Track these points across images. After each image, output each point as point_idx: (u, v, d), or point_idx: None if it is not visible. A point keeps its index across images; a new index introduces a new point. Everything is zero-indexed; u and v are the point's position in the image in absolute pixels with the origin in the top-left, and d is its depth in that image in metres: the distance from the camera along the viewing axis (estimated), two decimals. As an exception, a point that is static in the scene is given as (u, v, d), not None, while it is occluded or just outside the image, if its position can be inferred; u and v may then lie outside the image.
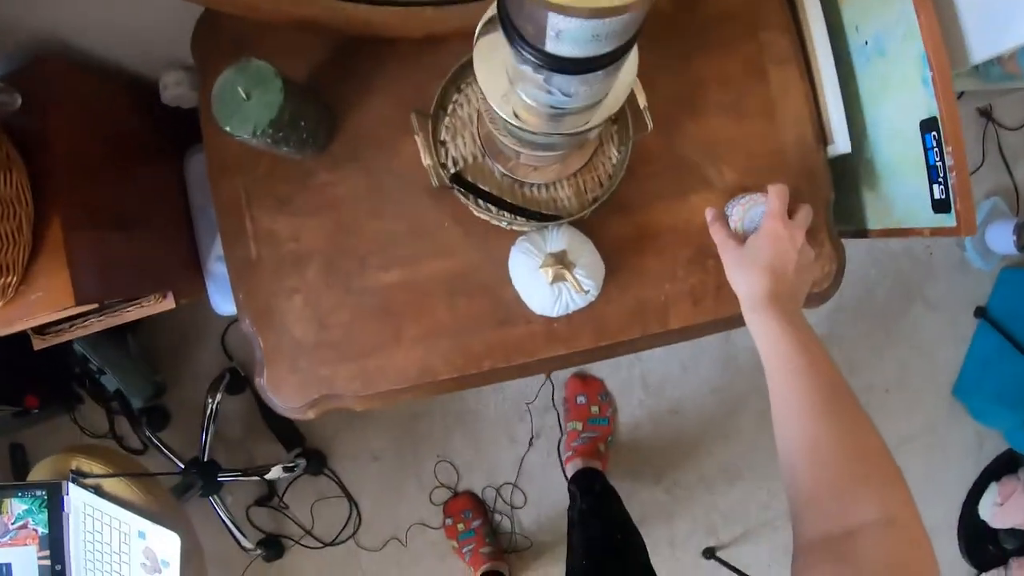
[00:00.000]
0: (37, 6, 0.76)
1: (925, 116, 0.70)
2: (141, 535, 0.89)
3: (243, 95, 0.61)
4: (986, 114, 1.39)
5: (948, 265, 1.43)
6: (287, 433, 1.40)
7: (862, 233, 0.84)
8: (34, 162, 0.78)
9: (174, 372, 1.43)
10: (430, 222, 0.73)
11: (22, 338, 1.00)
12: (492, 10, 0.46)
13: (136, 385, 1.24)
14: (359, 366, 0.74)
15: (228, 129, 0.62)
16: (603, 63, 0.38)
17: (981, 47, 0.71)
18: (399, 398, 0.75)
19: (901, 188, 0.76)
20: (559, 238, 0.68)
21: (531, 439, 1.43)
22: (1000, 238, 1.29)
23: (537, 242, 0.68)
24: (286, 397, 0.76)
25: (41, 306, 0.79)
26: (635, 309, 0.73)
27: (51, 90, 0.81)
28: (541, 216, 0.70)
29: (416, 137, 0.62)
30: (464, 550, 1.38)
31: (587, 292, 0.67)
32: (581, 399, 1.40)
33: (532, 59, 0.38)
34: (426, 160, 0.62)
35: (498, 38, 0.41)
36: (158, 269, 0.94)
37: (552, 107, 0.46)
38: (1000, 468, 1.42)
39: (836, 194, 0.79)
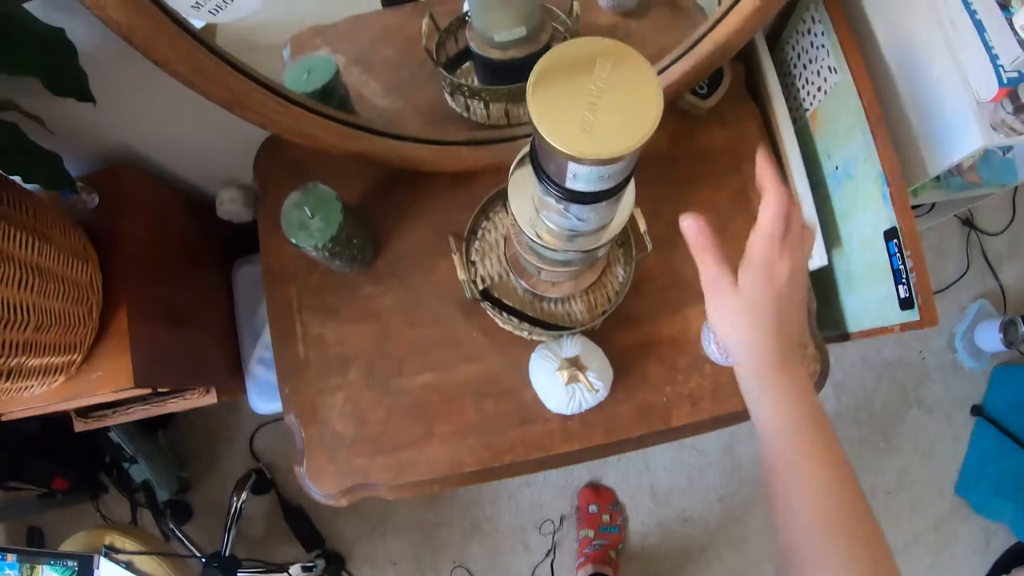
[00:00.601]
0: (119, 121, 0.88)
1: (887, 227, 0.79)
2: (172, 616, 0.95)
3: (308, 214, 0.73)
4: (968, 222, 1.50)
5: (941, 368, 1.49)
6: (308, 534, 1.45)
7: (844, 337, 0.93)
8: (105, 257, 0.89)
9: (200, 470, 1.50)
10: (460, 332, 0.83)
11: (62, 422, 1.09)
12: (524, 151, 0.58)
13: (164, 477, 1.30)
14: (393, 459, 0.82)
15: (294, 241, 0.73)
16: (609, 195, 0.48)
17: (935, 162, 0.82)
18: (428, 489, 0.83)
19: (873, 292, 0.85)
20: (573, 345, 0.78)
21: (549, 551, 1.47)
22: (988, 338, 1.36)
23: (554, 349, 0.78)
24: (323, 484, 0.83)
25: (101, 385, 0.87)
26: (640, 409, 0.82)
27: (124, 194, 0.92)
28: (557, 327, 0.80)
29: (453, 256, 0.74)
30: None
31: (598, 392, 0.76)
32: (593, 508, 1.44)
33: (555, 192, 0.48)
34: (461, 275, 0.73)
35: (527, 173, 0.51)
36: (204, 366, 1.03)
37: (569, 229, 0.56)
38: (1010, 561, 1.43)
39: (818, 303, 0.88)
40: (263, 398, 1.09)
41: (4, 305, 0.70)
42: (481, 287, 0.81)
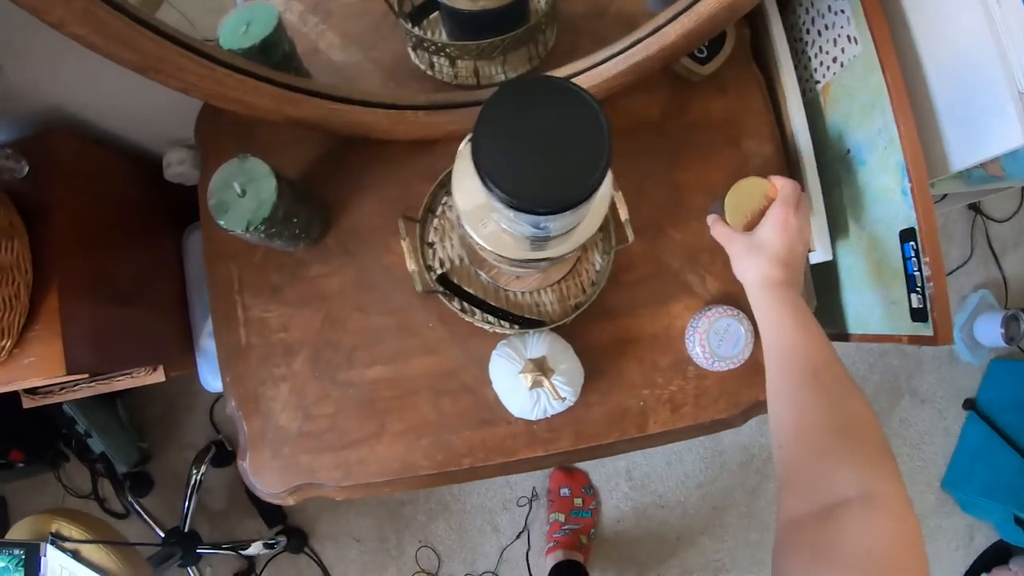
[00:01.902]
0: (46, 80, 0.79)
1: (904, 226, 0.71)
2: (115, 607, 0.89)
3: (239, 191, 0.63)
4: (974, 207, 1.41)
5: (937, 359, 1.44)
6: (270, 510, 1.40)
7: (843, 337, 0.85)
8: (36, 231, 0.80)
9: (160, 441, 1.44)
10: (416, 321, 0.74)
11: (12, 395, 1.02)
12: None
13: (122, 450, 1.24)
14: (341, 457, 0.75)
15: (222, 223, 0.64)
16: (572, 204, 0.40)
17: (961, 156, 0.71)
18: (379, 491, 0.76)
19: (881, 295, 0.77)
20: (539, 344, 0.69)
21: (520, 532, 1.43)
22: (988, 331, 1.29)
23: (518, 347, 0.70)
24: (267, 482, 0.76)
25: (33, 371, 0.80)
26: (614, 414, 0.74)
27: (57, 160, 0.83)
28: (524, 321, 0.72)
29: (402, 242, 0.64)
30: None
31: (564, 399, 0.68)
32: (565, 491, 1.40)
33: (502, 199, 0.40)
34: (411, 266, 0.64)
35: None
36: (150, 343, 0.95)
37: (528, 237, 0.48)
38: (991, 560, 1.40)
39: (817, 299, 0.80)
40: (215, 375, 1.02)
41: None
42: (440, 271, 0.72)
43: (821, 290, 0.84)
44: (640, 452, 1.45)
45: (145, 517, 1.28)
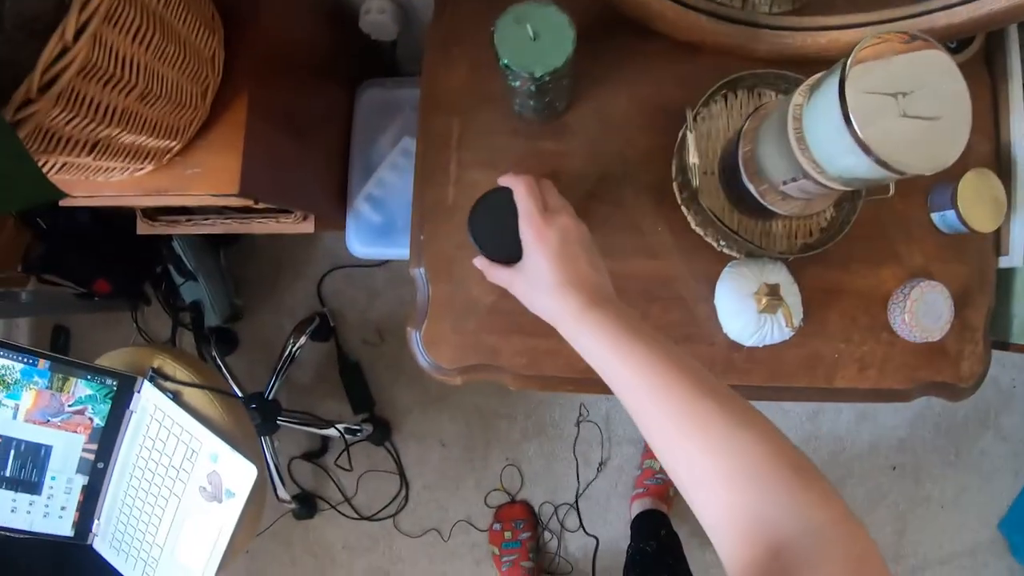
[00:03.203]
0: None
1: None
2: (213, 458, 0.83)
3: (531, 34, 0.59)
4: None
5: None
6: (360, 395, 1.34)
7: (1004, 345, 0.88)
8: (234, 36, 0.73)
9: (256, 301, 1.36)
10: (645, 221, 0.72)
11: (121, 218, 0.93)
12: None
13: (218, 301, 1.17)
14: (531, 343, 0.71)
15: (505, 62, 0.59)
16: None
17: None
18: (561, 387, 0.73)
19: (1056, 312, 0.80)
20: (775, 271, 0.68)
21: (601, 463, 1.40)
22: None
23: (753, 269, 0.68)
24: (440, 355, 0.73)
25: (197, 184, 0.73)
26: (809, 360, 0.74)
27: None
28: (756, 246, 0.70)
29: (688, 134, 0.62)
30: (504, 559, 1.33)
31: (795, 328, 0.67)
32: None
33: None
34: (693, 158, 0.62)
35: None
36: (309, 189, 0.89)
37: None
38: (1020, 611, 1.45)
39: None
40: (362, 239, 0.97)
41: (113, 56, 0.54)
42: (680, 179, 0.70)
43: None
44: None
45: (227, 376, 1.21)
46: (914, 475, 1.47)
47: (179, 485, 0.85)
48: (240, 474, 0.82)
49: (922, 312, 0.72)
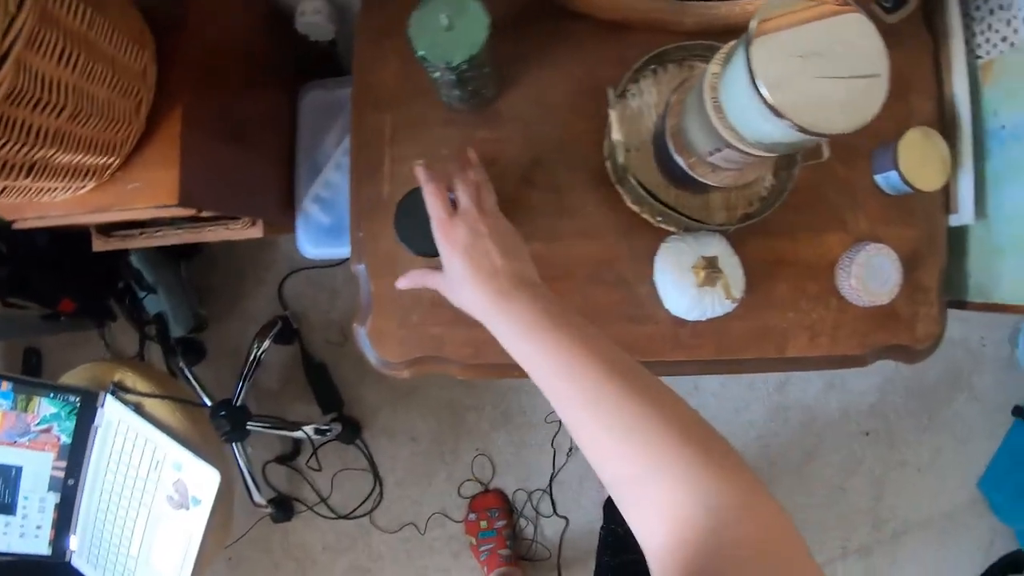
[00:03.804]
0: None
1: None
2: (177, 466, 0.83)
3: (445, 23, 0.59)
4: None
5: (997, 361, 1.47)
6: (327, 395, 1.35)
7: (960, 304, 0.87)
8: (165, 45, 0.73)
9: (219, 309, 1.37)
10: (579, 203, 0.72)
11: (77, 237, 0.93)
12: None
13: (181, 312, 1.17)
14: (475, 333, 0.70)
15: (422, 53, 0.59)
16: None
17: None
18: (508, 373, 0.73)
19: (1013, 267, 0.79)
20: (712, 244, 0.68)
21: (571, 448, 1.41)
22: (1050, 344, 1.35)
23: (691, 243, 0.68)
24: (387, 350, 0.73)
25: (138, 198, 0.73)
26: (757, 331, 0.73)
27: None
28: (693, 220, 0.70)
29: (611, 112, 0.62)
30: (482, 548, 1.34)
31: (736, 300, 0.67)
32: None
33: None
34: (616, 135, 0.61)
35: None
36: (255, 194, 0.89)
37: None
38: (1006, 567, 1.44)
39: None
40: (312, 240, 0.97)
41: (39, 81, 0.55)
42: (612, 158, 0.69)
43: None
44: (712, 395, 1.46)
45: (195, 385, 1.22)
46: (888, 440, 1.47)
47: (147, 495, 0.85)
48: (204, 480, 0.82)
49: (869, 276, 0.72)
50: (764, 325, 0.73)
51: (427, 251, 0.61)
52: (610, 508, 1.22)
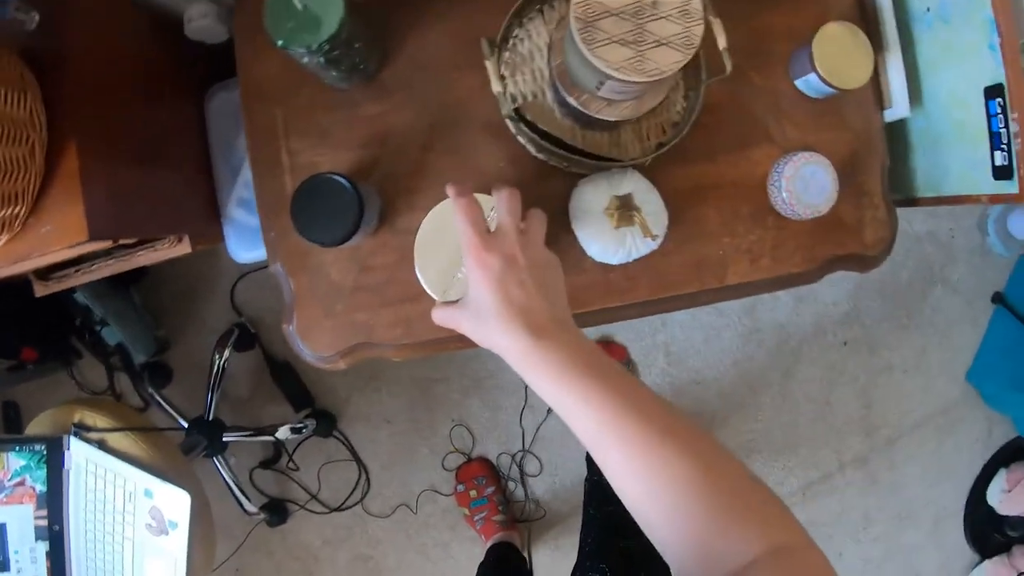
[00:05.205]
0: None
1: (990, 83, 0.68)
2: (148, 494, 0.84)
3: (299, 6, 0.56)
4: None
5: (969, 249, 1.43)
6: (297, 393, 1.35)
7: (911, 201, 0.83)
8: (50, 85, 0.71)
9: (178, 327, 1.37)
10: (484, 160, 0.69)
11: (22, 286, 0.94)
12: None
13: (139, 339, 1.17)
14: (402, 312, 0.69)
15: (281, 43, 0.57)
16: None
17: None
18: (442, 348, 0.71)
19: (958, 156, 0.75)
20: (625, 182, 0.65)
21: (549, 410, 1.40)
22: (1022, 224, 1.30)
23: (601, 185, 0.65)
24: (317, 344, 0.71)
25: (52, 241, 0.72)
26: (693, 263, 0.70)
27: (70, 10, 0.74)
28: (602, 159, 0.67)
29: (486, 63, 0.58)
30: (476, 518, 1.35)
31: (656, 238, 0.64)
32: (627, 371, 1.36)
33: None
34: (495, 87, 0.58)
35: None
36: (175, 210, 0.87)
37: None
38: (1009, 455, 1.43)
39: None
40: (244, 245, 0.96)
41: None
42: (512, 106, 0.66)
43: (890, 153, 0.81)
44: (680, 327, 1.44)
45: (167, 408, 1.23)
46: (868, 346, 1.44)
47: (128, 527, 0.86)
48: (176, 503, 0.83)
49: (802, 188, 0.68)
50: (699, 256, 0.70)
51: (328, 240, 0.60)
52: (592, 459, 1.21)
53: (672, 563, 0.41)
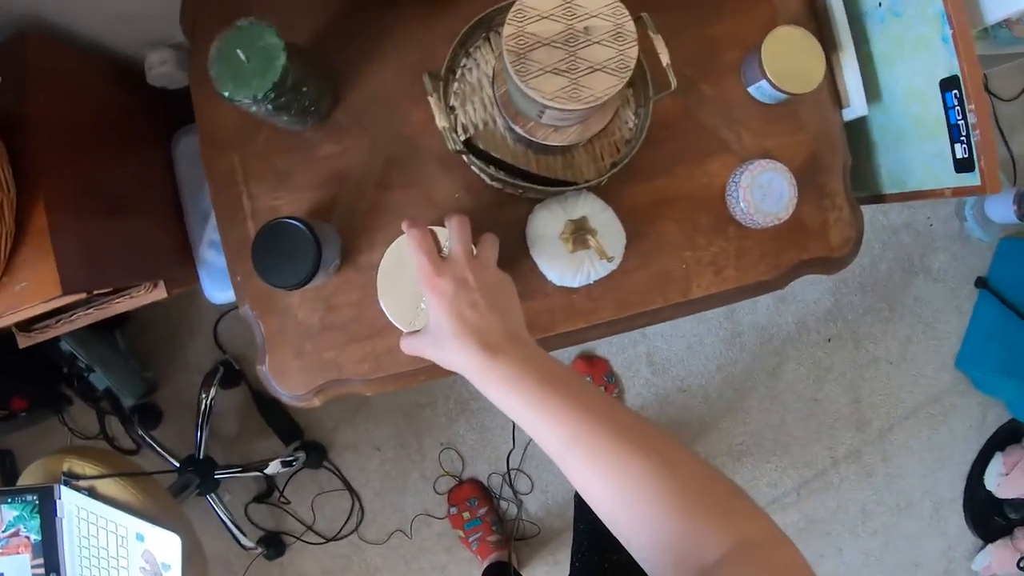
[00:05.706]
0: None
1: (945, 75, 0.68)
2: (140, 538, 0.85)
3: (243, 58, 0.57)
4: (983, 86, 1.40)
5: (948, 236, 1.42)
6: (285, 426, 1.36)
7: (878, 199, 0.83)
8: (15, 144, 0.73)
9: (165, 368, 1.38)
10: (441, 192, 0.69)
11: (6, 337, 0.95)
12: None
13: (126, 382, 1.19)
14: (369, 348, 0.70)
15: (227, 94, 0.58)
16: None
17: (995, 8, 0.69)
18: (412, 381, 0.72)
19: (920, 150, 0.75)
20: (579, 205, 0.65)
21: None
22: (999, 208, 1.29)
23: (555, 210, 0.66)
24: (290, 384, 0.72)
25: (27, 297, 0.74)
26: (657, 279, 0.71)
27: (30, 67, 0.75)
28: (556, 183, 0.67)
29: (429, 99, 0.59)
30: (471, 539, 1.36)
31: (612, 259, 0.64)
32: (587, 380, 1.37)
33: None
34: (440, 122, 0.59)
35: None
36: (148, 257, 0.89)
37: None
38: (1004, 439, 1.42)
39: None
40: (218, 286, 0.97)
41: None
42: (463, 137, 0.67)
43: (852, 151, 0.81)
44: (661, 337, 1.44)
45: (158, 449, 1.24)
46: (852, 341, 1.44)
47: (124, 572, 0.87)
48: (167, 545, 0.84)
49: (761, 196, 0.68)
50: (662, 271, 0.71)
51: (289, 283, 0.61)
52: None
53: (648, 569, 0.41)
